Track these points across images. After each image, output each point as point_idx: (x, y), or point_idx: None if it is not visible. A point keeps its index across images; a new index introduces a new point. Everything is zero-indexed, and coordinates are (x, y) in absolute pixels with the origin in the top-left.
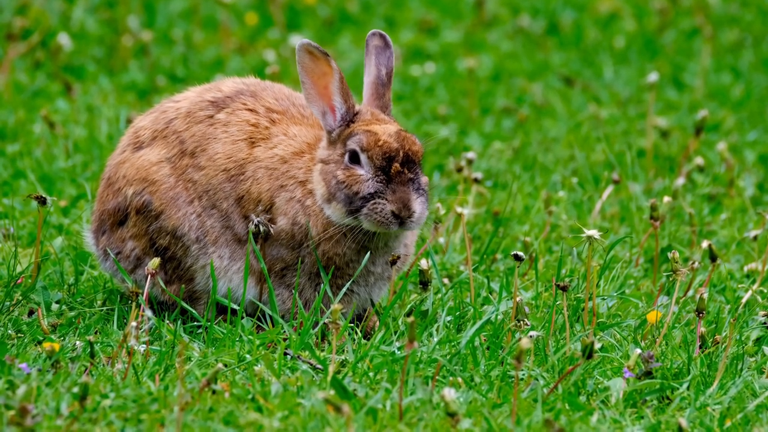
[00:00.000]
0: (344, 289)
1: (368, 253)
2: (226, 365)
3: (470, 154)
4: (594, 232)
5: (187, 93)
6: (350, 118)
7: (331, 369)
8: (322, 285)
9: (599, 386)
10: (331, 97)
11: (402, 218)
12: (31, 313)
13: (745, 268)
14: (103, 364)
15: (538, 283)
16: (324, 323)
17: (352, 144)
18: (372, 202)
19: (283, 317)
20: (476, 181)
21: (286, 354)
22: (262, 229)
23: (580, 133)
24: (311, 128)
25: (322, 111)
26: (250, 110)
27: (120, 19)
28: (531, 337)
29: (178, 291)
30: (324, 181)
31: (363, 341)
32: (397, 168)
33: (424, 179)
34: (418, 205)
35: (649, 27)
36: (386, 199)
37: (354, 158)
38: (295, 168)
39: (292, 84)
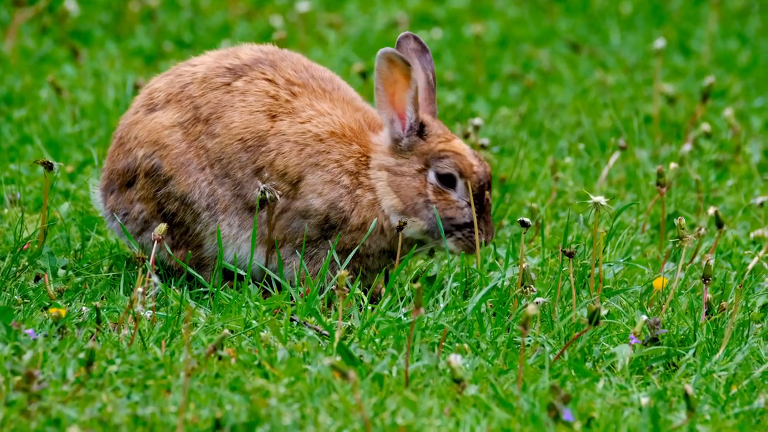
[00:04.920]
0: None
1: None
2: (232, 331)
3: (477, 120)
4: (601, 199)
5: (204, 57)
6: (417, 128)
7: (338, 335)
8: (336, 265)
9: (605, 353)
10: (403, 106)
11: (485, 244)
12: (37, 278)
13: (752, 235)
14: (110, 330)
15: (545, 249)
16: (331, 290)
17: (446, 167)
18: (468, 230)
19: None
20: (483, 147)
21: (292, 320)
22: (268, 195)
23: (586, 100)
24: (339, 106)
25: (391, 118)
26: (269, 80)
27: None
28: (537, 303)
29: (185, 256)
30: (398, 194)
31: (369, 307)
32: (487, 197)
33: None
34: (493, 227)
35: None
36: (481, 230)
37: (448, 182)
38: (338, 152)
39: (298, 50)
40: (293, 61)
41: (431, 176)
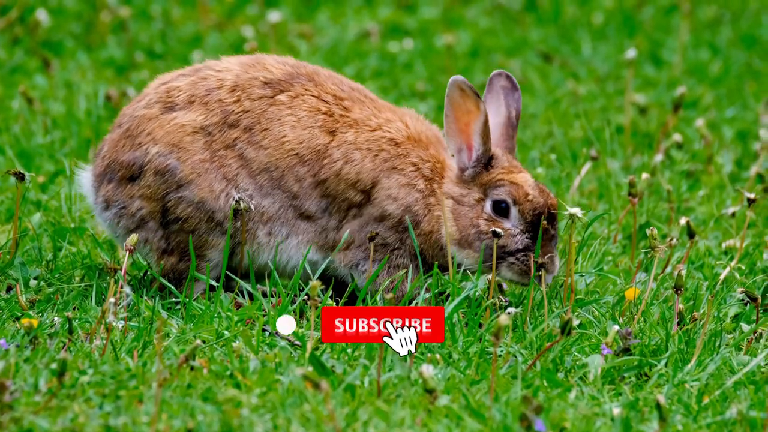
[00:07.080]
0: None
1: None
2: (204, 341)
3: None
4: (577, 210)
5: (225, 63)
6: (485, 160)
7: (310, 345)
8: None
9: (577, 363)
10: (471, 136)
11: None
12: (9, 289)
13: (723, 245)
14: (82, 341)
15: None
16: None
17: (500, 194)
18: (523, 254)
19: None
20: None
21: (264, 330)
22: (242, 205)
23: (558, 110)
24: (398, 114)
25: (459, 147)
26: (315, 97)
27: None
28: (509, 313)
29: (174, 264)
30: (456, 223)
31: None
32: (544, 225)
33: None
34: (557, 261)
35: (627, 3)
36: (543, 262)
37: (501, 210)
38: (416, 155)
39: None
40: (325, 75)
41: (487, 206)
